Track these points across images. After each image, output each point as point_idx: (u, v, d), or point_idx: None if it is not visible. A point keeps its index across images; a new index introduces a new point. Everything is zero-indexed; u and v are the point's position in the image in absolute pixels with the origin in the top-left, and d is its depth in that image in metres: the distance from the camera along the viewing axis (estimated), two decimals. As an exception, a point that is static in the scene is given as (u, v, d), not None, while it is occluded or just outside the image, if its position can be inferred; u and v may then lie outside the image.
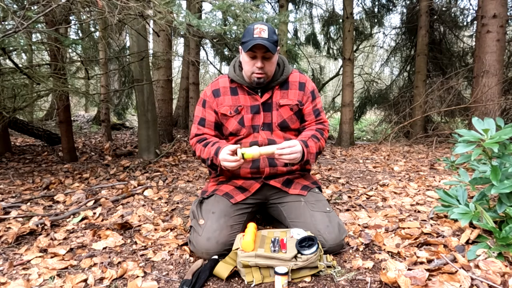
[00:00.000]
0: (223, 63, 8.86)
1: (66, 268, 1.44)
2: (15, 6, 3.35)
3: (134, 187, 2.83)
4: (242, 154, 1.44)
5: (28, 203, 2.38)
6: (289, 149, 1.47)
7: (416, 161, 4.04)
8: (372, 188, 2.75)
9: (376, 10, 8.03)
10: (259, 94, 1.66)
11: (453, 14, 7.48)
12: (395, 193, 2.57)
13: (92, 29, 4.81)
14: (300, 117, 1.73)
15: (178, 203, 2.43)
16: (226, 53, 8.18)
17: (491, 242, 1.45)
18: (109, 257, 1.55)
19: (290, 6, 7.83)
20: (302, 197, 1.64)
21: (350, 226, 1.85)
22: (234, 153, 1.49)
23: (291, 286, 1.28)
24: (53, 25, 3.37)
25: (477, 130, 1.53)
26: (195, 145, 1.73)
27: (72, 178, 3.17)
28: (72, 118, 5.21)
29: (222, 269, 1.34)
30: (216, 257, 1.44)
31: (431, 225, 1.80)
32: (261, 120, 1.66)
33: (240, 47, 1.60)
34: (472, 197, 1.94)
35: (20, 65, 3.21)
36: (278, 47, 1.59)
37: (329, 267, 1.38)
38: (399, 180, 3.02)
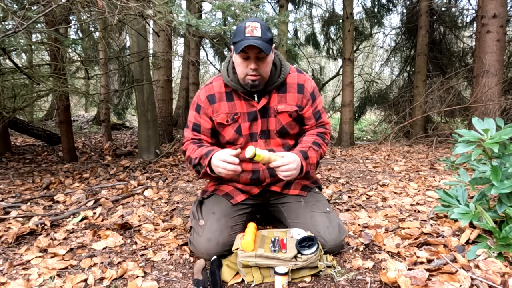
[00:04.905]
0: (223, 63, 8.86)
1: (66, 268, 1.44)
2: (15, 6, 3.35)
3: (134, 187, 2.83)
4: (255, 153, 1.30)
5: (28, 203, 2.38)
6: (283, 167, 1.37)
7: (416, 161, 4.04)
8: (372, 188, 2.75)
9: (376, 10, 8.03)
10: (256, 99, 1.54)
11: (453, 14, 7.48)
12: (395, 193, 2.57)
13: (92, 29, 4.81)
14: (299, 121, 1.64)
15: (178, 203, 2.43)
16: (226, 53, 8.18)
17: (491, 242, 1.45)
18: (109, 257, 1.55)
19: (290, 6, 7.83)
20: (302, 197, 1.64)
21: (350, 226, 1.85)
22: (238, 155, 1.37)
23: (291, 286, 1.28)
24: (53, 25, 3.37)
25: (477, 130, 1.53)
26: (188, 145, 1.60)
27: (72, 178, 3.17)
28: (72, 118, 5.21)
29: (227, 274, 1.35)
30: (215, 257, 1.44)
31: (431, 225, 1.80)
32: (259, 127, 1.57)
33: (232, 47, 1.46)
34: (472, 197, 1.94)
35: (20, 65, 3.21)
36: (274, 45, 1.47)
37: (329, 267, 1.38)
38: (399, 180, 3.01)
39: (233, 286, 1.31)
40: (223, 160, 1.36)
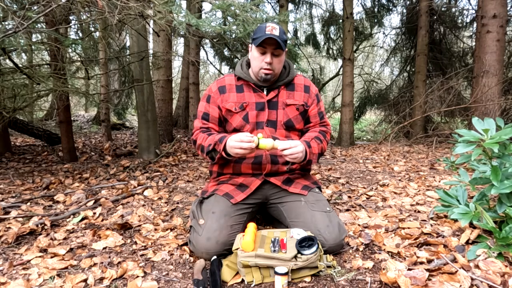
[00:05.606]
0: (223, 63, 8.86)
1: (66, 268, 1.44)
2: (15, 6, 3.35)
3: (134, 187, 2.83)
4: (258, 139, 1.46)
5: (28, 203, 2.38)
6: (291, 149, 1.49)
7: (416, 161, 4.04)
8: (372, 188, 2.75)
9: (376, 10, 8.03)
10: (265, 92, 1.68)
11: (453, 14, 7.48)
12: (395, 193, 2.57)
13: (92, 29, 4.81)
14: (305, 118, 1.76)
15: (178, 203, 2.43)
16: (226, 53, 8.18)
17: (491, 242, 1.45)
18: (109, 257, 1.55)
19: (290, 6, 7.83)
20: (303, 196, 1.65)
21: (350, 226, 1.85)
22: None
23: (291, 286, 1.28)
24: (53, 25, 3.37)
25: (477, 130, 1.53)
26: (197, 134, 1.70)
27: (72, 178, 3.17)
28: (72, 118, 5.21)
29: (227, 274, 1.35)
30: (215, 257, 1.44)
31: (431, 225, 1.80)
32: (266, 117, 1.67)
33: (250, 44, 1.64)
34: (472, 197, 1.94)
35: (20, 65, 3.21)
36: (286, 49, 1.63)
37: (329, 267, 1.38)
38: (399, 180, 3.01)
39: (233, 286, 1.31)
40: (240, 141, 1.46)
